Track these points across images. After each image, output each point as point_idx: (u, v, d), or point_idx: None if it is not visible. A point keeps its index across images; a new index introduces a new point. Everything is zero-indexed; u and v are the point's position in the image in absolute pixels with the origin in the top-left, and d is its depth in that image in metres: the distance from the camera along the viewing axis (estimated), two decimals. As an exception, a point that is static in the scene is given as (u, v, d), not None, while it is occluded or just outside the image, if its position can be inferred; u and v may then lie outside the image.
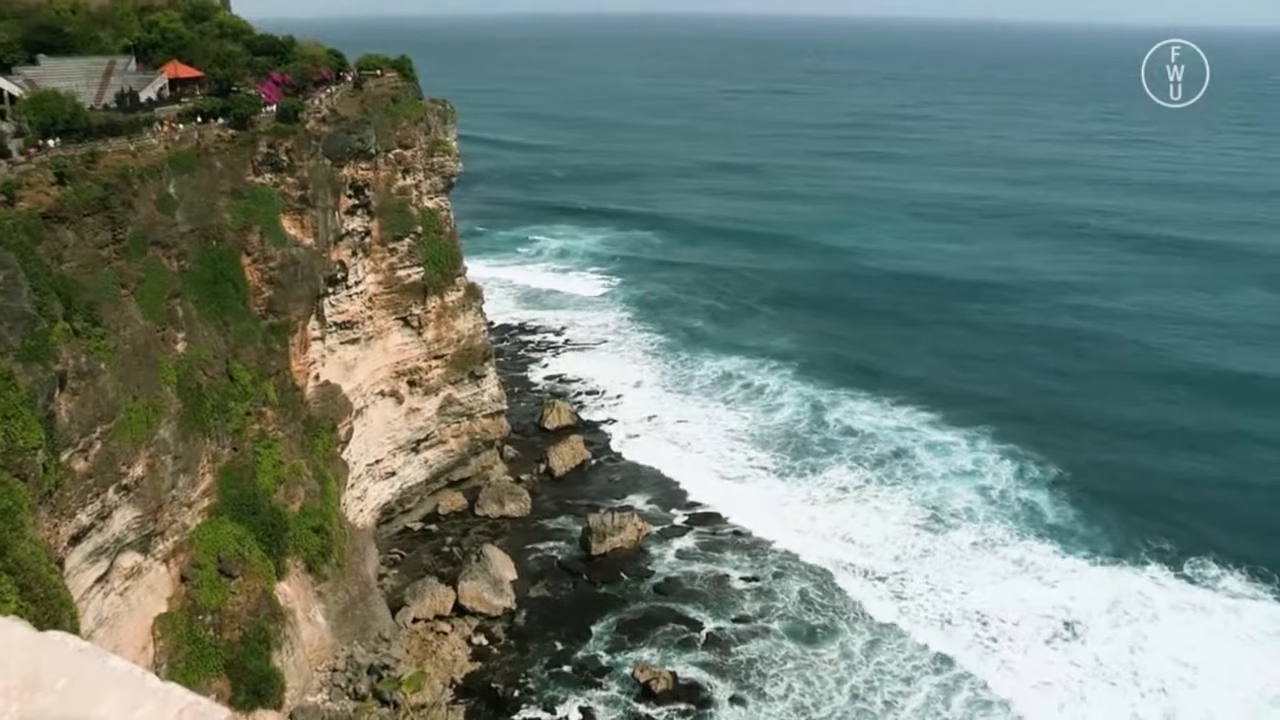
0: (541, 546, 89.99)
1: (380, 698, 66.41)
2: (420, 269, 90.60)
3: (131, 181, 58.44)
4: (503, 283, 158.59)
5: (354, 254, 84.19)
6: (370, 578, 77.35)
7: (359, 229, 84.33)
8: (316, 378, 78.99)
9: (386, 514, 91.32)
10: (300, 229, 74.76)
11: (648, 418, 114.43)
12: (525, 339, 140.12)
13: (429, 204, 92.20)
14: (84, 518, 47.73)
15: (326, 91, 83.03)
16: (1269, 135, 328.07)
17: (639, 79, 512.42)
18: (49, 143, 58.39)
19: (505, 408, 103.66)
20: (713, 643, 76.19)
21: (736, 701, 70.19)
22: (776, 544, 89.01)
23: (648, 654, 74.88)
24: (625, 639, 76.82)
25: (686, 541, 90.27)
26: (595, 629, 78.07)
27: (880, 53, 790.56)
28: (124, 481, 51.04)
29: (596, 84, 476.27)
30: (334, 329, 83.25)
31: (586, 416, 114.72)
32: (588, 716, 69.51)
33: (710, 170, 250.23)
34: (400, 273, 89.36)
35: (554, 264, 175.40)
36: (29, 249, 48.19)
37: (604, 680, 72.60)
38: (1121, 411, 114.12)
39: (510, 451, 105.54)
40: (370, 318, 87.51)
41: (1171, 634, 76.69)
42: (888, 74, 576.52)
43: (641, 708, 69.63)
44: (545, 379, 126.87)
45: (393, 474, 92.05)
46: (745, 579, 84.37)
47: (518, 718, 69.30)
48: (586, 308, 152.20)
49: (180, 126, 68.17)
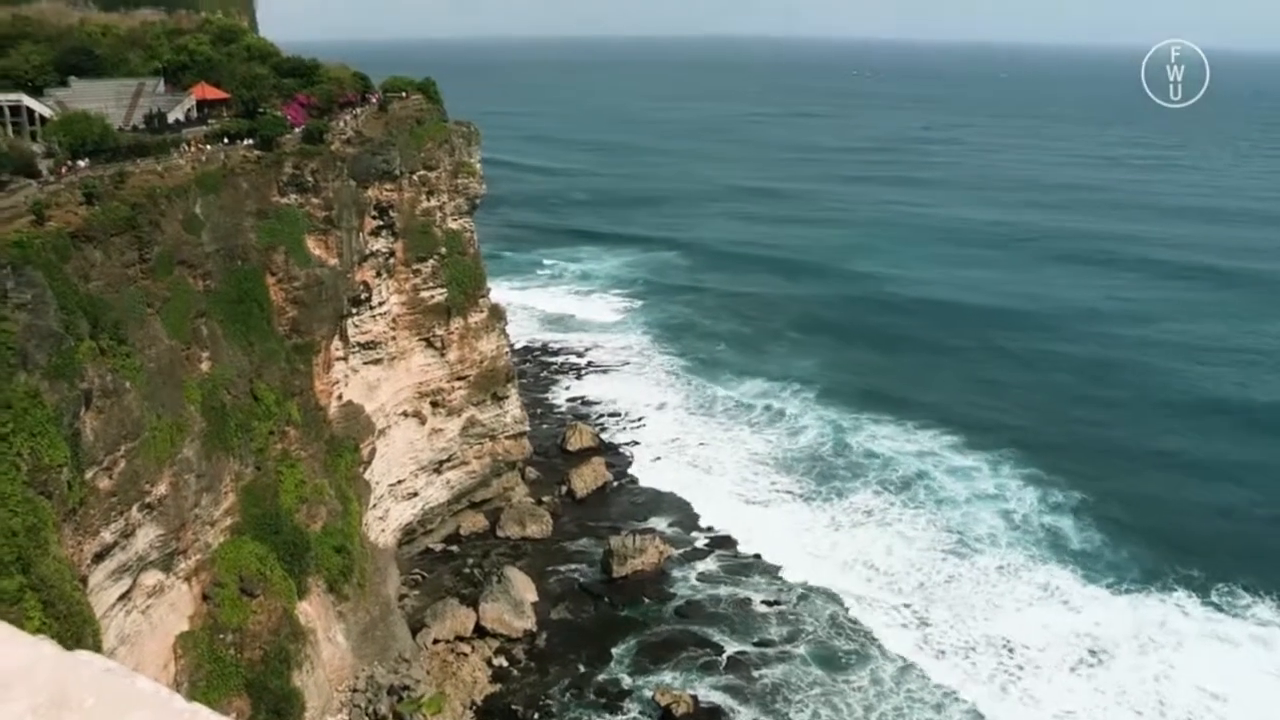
0: (563, 568, 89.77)
1: (400, 719, 66.23)
2: (444, 290, 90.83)
3: (158, 202, 58.84)
4: (526, 304, 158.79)
5: (378, 275, 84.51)
6: (391, 598, 77.29)
7: (383, 250, 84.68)
8: (340, 398, 79.18)
9: (408, 534, 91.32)
10: (325, 249, 75.09)
11: (670, 440, 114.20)
12: (548, 361, 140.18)
13: (453, 225, 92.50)
14: (107, 535, 47.84)
15: (352, 113, 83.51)
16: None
17: (661, 103, 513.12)
18: (78, 163, 58.82)
19: (527, 429, 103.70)
20: (735, 667, 75.74)
21: (758, 726, 69.81)
22: (799, 568, 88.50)
23: (669, 677, 74.49)
24: (646, 662, 76.47)
25: (708, 564, 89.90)
26: (616, 652, 77.74)
27: (903, 75, 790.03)
28: (147, 500, 51.17)
29: (618, 107, 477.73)
30: (357, 349, 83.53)
31: (608, 438, 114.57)
32: (608, 740, 69.22)
33: (733, 194, 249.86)
34: (424, 294, 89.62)
35: (577, 286, 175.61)
36: (57, 268, 48.52)
37: (625, 703, 72.26)
38: (1147, 438, 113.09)
39: (532, 473, 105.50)
40: (394, 338, 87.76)
41: (1198, 663, 75.75)
42: (911, 96, 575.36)
43: (662, 731, 69.35)
44: (567, 401, 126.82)
45: (415, 494, 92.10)
46: (768, 603, 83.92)
47: (538, 741, 69.08)
48: (609, 330, 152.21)
49: (207, 147, 68.62)
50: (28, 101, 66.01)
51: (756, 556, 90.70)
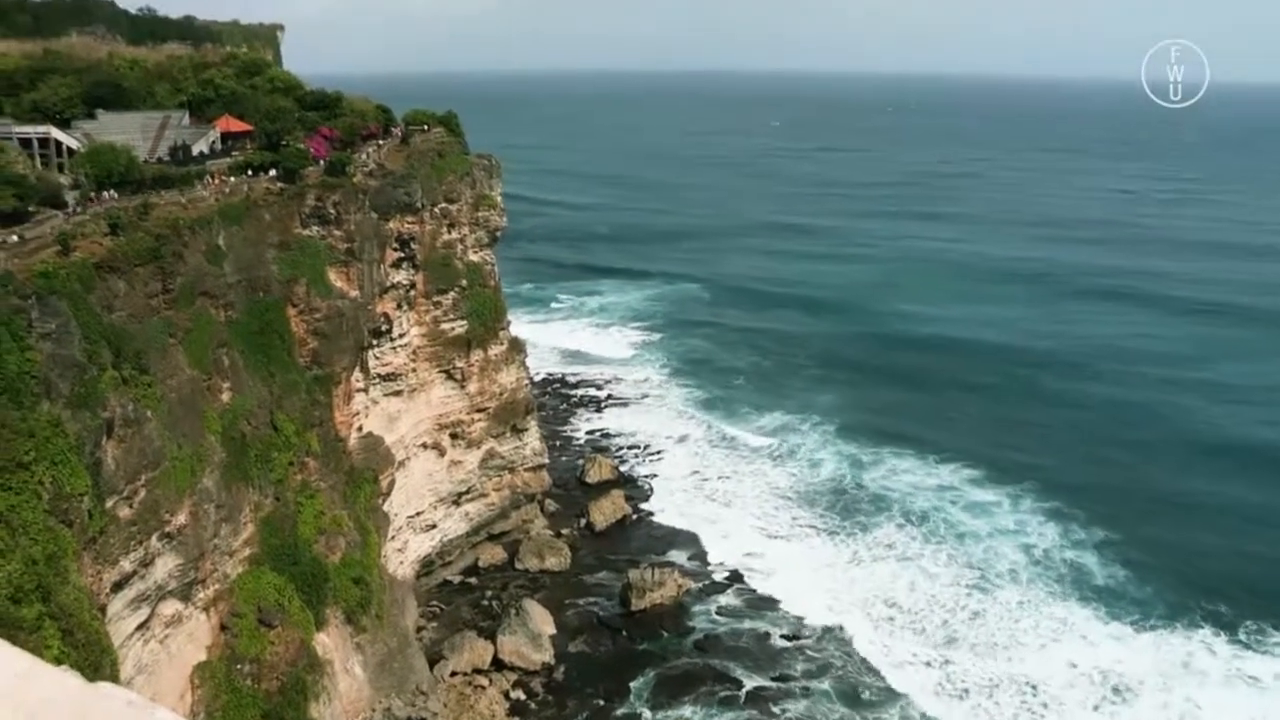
0: (581, 601, 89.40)
1: (417, 752, 65.91)
2: (464, 322, 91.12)
3: (182, 233, 59.35)
4: (546, 337, 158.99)
5: (399, 306, 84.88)
6: (409, 630, 77.12)
7: (404, 282, 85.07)
8: (359, 429, 79.38)
9: (426, 566, 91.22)
10: (346, 281, 75.51)
11: (690, 473, 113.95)
12: (568, 393, 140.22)
13: (474, 258, 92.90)
14: (127, 564, 47.94)
15: (374, 146, 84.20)
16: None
17: (685, 137, 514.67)
18: (104, 194, 59.42)
19: (546, 461, 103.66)
20: (754, 702, 75.12)
21: (777, 763, 69.17)
22: (820, 603, 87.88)
23: (688, 711, 73.96)
24: (665, 696, 75.91)
25: (728, 598, 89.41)
26: (634, 686, 77.24)
27: (927, 109, 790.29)
28: (167, 529, 51.28)
29: (643, 142, 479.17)
30: (378, 381, 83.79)
31: (628, 471, 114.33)
32: (626, 775, 68.66)
33: (754, 229, 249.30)
34: (444, 326, 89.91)
35: (598, 319, 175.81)
36: (81, 298, 48.91)
37: (643, 738, 71.73)
38: (1170, 475, 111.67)
39: (551, 505, 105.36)
40: (414, 370, 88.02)
41: (1225, 703, 74.68)
42: (935, 130, 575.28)
43: (681, 767, 68.77)
44: (587, 433, 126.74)
45: (433, 526, 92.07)
46: (787, 637, 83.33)
47: (555, 775, 68.57)
48: (629, 363, 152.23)
49: (230, 179, 69.27)
50: (56, 134, 66.76)
51: (776, 591, 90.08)
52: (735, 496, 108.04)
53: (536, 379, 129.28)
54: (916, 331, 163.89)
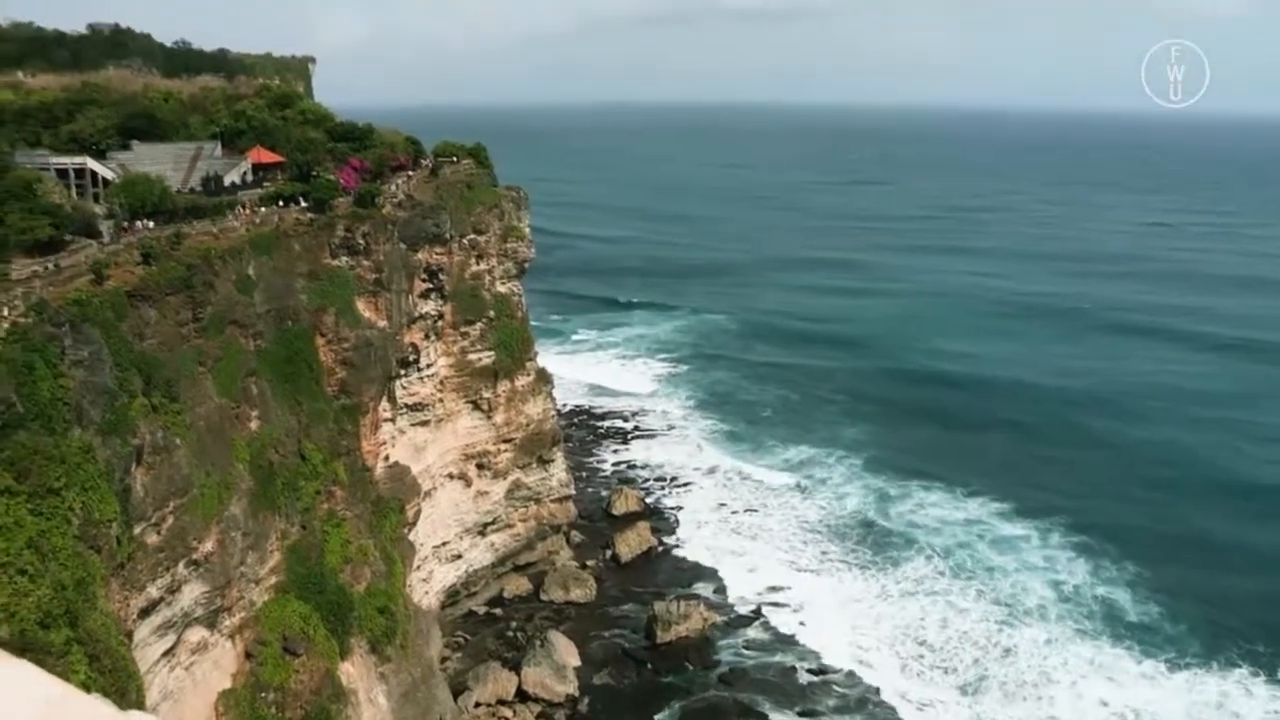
0: (606, 633, 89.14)
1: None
2: (491, 353, 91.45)
3: (213, 262, 59.93)
4: (574, 368, 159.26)
5: (426, 337, 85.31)
6: (433, 660, 76.99)
7: (432, 312, 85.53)
8: (386, 459, 79.64)
9: (451, 596, 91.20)
10: (374, 311, 75.96)
11: (716, 505, 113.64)
12: (594, 424, 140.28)
13: (501, 289, 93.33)
14: (154, 591, 48.16)
15: (404, 177, 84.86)
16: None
17: (714, 169, 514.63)
18: (137, 224, 60.12)
19: (573, 493, 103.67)
20: (779, 737, 74.58)
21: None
22: (847, 638, 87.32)
23: (712, 746, 73.47)
24: (689, 730, 75.50)
25: (754, 632, 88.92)
26: (659, 719, 76.79)
27: (955, 141, 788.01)
28: (194, 556, 51.52)
29: (671, 175, 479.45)
30: (405, 411, 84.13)
31: (654, 503, 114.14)
32: (650, 810, 68.17)
33: (783, 264, 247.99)
34: (471, 356, 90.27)
35: (625, 351, 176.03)
36: (113, 326, 49.43)
37: (667, 772, 71.26)
38: (1206, 514, 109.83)
39: (577, 537, 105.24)
40: (441, 400, 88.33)
41: (1260, 742, 73.66)
42: (963, 163, 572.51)
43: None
44: (613, 465, 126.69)
45: (459, 556, 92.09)
46: (813, 672, 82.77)
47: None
48: (656, 395, 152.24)
49: (261, 209, 69.94)
50: (92, 164, 67.70)
51: (803, 624, 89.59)
52: (762, 529, 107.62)
53: (563, 410, 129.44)
54: (943, 367, 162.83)
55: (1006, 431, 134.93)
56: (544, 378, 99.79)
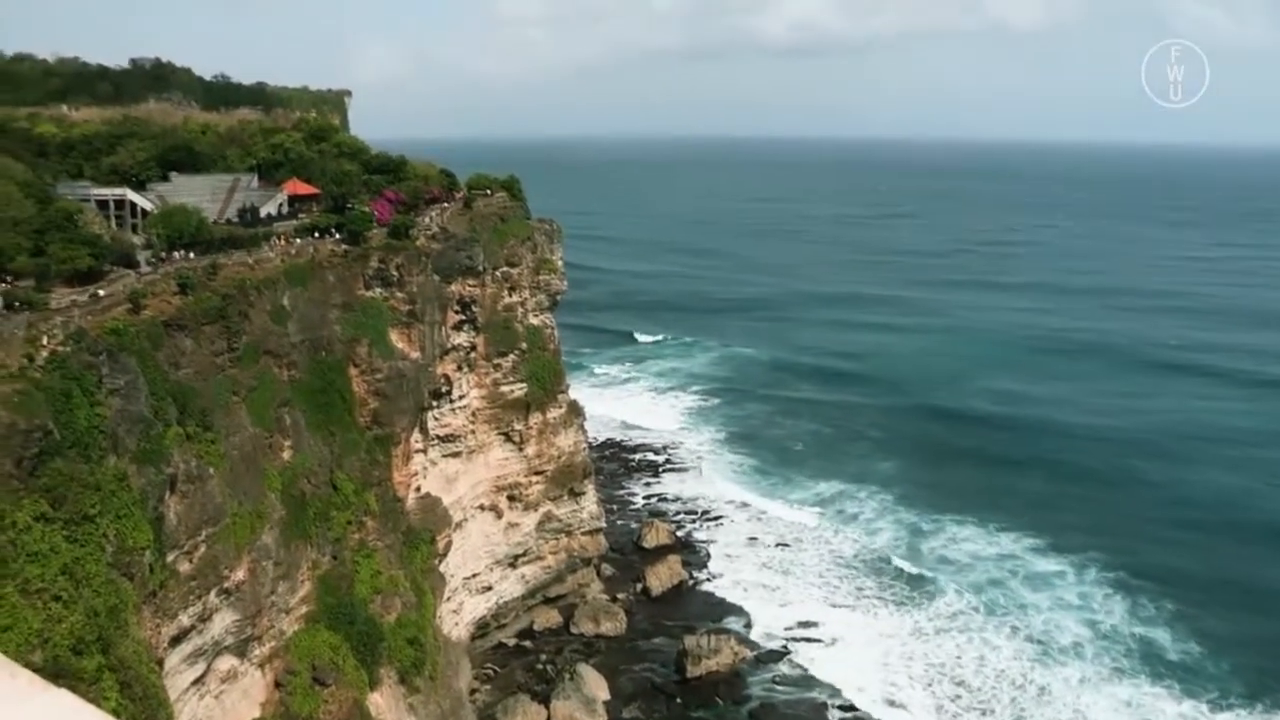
0: (636, 667, 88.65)
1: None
2: (523, 385, 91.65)
3: (248, 293, 60.55)
4: (606, 401, 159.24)
5: (459, 368, 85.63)
6: (462, 692, 76.77)
7: (465, 344, 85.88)
8: (418, 489, 79.83)
9: (481, 628, 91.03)
10: (407, 342, 76.36)
11: (748, 539, 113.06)
12: (626, 457, 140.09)
13: (534, 321, 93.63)
14: (185, 619, 48.35)
15: (437, 209, 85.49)
16: None
17: (746, 203, 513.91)
18: (175, 254, 60.84)
19: (604, 525, 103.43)
20: (810, 774, 73.76)
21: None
22: (880, 674, 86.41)
23: (742, 783, 72.73)
24: (719, 767, 74.83)
25: (785, 667, 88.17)
26: (688, 755, 76.23)
27: (986, 175, 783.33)
28: (225, 585, 51.73)
29: (703, 208, 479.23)
30: (437, 442, 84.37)
31: (685, 536, 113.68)
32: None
33: (815, 301, 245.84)
34: (504, 388, 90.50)
35: (658, 383, 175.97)
36: (150, 355, 49.95)
37: (696, 809, 70.57)
38: (1247, 554, 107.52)
39: (607, 569, 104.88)
40: (473, 432, 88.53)
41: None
42: (995, 197, 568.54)
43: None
44: (644, 498, 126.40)
45: (489, 588, 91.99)
46: (844, 709, 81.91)
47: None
48: (688, 428, 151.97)
49: (297, 241, 70.62)
50: (131, 196, 68.72)
51: (835, 661, 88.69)
52: (794, 564, 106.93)
53: (595, 443, 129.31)
54: (975, 403, 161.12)
55: (1040, 468, 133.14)
56: (575, 410, 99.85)
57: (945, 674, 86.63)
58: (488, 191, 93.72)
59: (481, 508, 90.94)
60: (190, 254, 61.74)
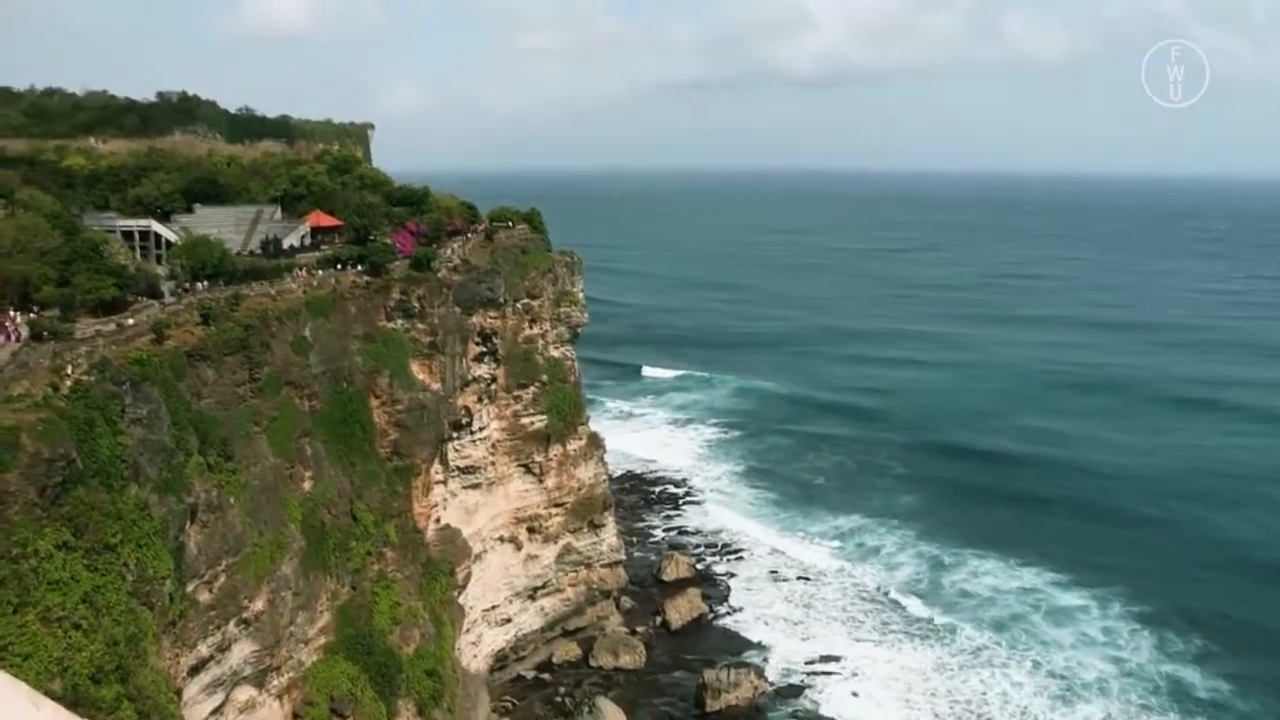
0: (655, 701, 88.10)
1: None
2: (544, 417, 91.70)
3: (270, 324, 60.92)
4: (626, 433, 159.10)
5: (479, 400, 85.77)
6: (481, 725, 76.46)
7: (485, 376, 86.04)
8: (437, 521, 79.84)
9: (500, 660, 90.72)
10: (428, 374, 76.62)
11: (769, 572, 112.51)
12: (646, 489, 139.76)
13: (554, 353, 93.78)
14: (204, 649, 48.39)
15: (459, 241, 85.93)
16: None
17: (767, 235, 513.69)
18: (198, 285, 61.31)
19: (623, 558, 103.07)
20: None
21: None
22: (901, 712, 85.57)
23: (762, 820, 72.04)
24: (739, 802, 74.14)
25: (805, 702, 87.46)
26: (708, 790, 75.55)
27: (1010, 207, 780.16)
28: (245, 615, 51.78)
29: (724, 241, 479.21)
30: (457, 473, 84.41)
31: (705, 569, 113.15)
32: None
33: (836, 336, 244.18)
34: (524, 420, 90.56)
35: (678, 416, 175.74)
36: (172, 385, 50.26)
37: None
38: (1276, 594, 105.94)
39: (627, 602, 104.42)
40: (493, 463, 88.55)
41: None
42: (1017, 229, 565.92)
43: None
44: (664, 530, 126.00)
45: (508, 620, 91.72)
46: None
47: None
48: (709, 461, 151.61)
49: (319, 272, 71.05)
50: (156, 227, 69.39)
51: (855, 695, 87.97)
52: (814, 598, 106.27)
53: (615, 475, 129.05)
54: (997, 439, 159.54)
55: (1062, 505, 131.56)
56: (595, 442, 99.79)
57: (970, 710, 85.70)
58: (509, 224, 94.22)
59: (501, 539, 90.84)
60: (220, 283, 62.30)
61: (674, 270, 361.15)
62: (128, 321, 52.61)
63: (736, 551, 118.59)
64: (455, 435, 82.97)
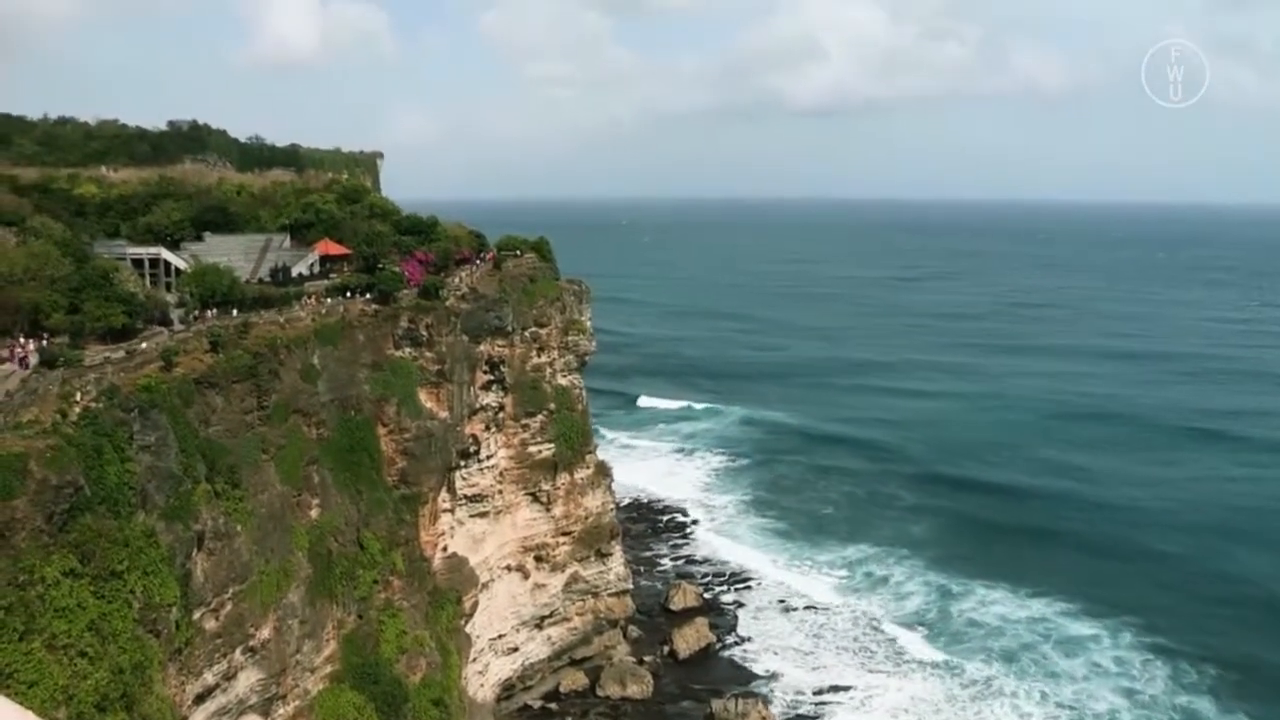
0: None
1: None
2: (551, 445, 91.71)
3: (279, 351, 61.10)
4: (633, 462, 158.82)
5: (487, 428, 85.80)
6: (487, 756, 76.10)
7: (493, 404, 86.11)
8: (444, 549, 79.71)
9: (507, 690, 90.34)
10: (436, 402, 76.69)
11: (776, 601, 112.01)
12: (653, 518, 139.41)
13: (562, 381, 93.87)
14: (210, 677, 48.29)
15: (467, 270, 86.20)
16: None
17: (777, 265, 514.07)
18: (207, 313, 61.57)
19: (631, 587, 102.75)
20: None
21: None
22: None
23: None
24: (747, 834, 73.54)
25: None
26: (715, 822, 74.98)
27: (1019, 236, 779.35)
28: (251, 643, 51.69)
29: (733, 269, 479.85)
30: (464, 502, 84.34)
31: (713, 598, 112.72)
32: None
33: (846, 367, 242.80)
34: (531, 448, 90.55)
35: (685, 445, 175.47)
36: (180, 412, 50.36)
37: None
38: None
39: (634, 631, 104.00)
40: (500, 492, 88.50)
41: None
42: (1029, 258, 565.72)
43: None
44: (672, 559, 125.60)
45: (515, 649, 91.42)
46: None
47: None
48: (717, 489, 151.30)
49: (327, 300, 71.31)
50: (165, 255, 69.77)
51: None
52: (823, 627, 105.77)
53: (623, 503, 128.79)
54: (1007, 471, 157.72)
55: (1074, 537, 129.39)
56: (603, 471, 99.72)
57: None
58: (517, 252, 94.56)
59: (508, 568, 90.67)
60: (230, 310, 62.55)
61: (683, 300, 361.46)
62: (138, 348, 52.82)
63: (745, 580, 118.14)
64: (463, 463, 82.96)
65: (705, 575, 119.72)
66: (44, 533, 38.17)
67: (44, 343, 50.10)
